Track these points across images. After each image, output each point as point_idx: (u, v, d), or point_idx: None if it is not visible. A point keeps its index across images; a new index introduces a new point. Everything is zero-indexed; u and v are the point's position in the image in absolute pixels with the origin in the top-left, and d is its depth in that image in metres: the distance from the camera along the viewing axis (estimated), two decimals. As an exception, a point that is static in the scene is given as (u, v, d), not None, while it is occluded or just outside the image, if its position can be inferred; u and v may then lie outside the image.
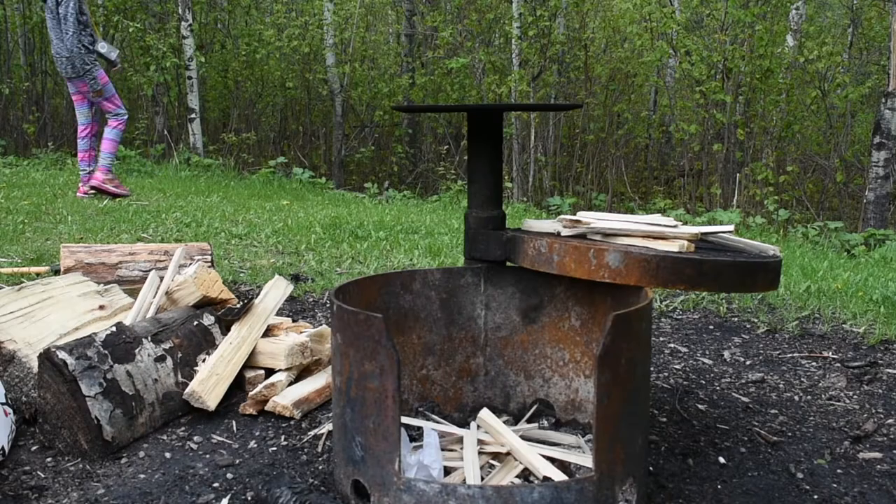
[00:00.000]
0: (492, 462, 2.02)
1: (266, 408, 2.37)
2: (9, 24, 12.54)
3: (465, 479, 1.89)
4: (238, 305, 2.69)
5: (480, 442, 2.06)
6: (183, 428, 2.29)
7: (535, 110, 10.27)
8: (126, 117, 6.93)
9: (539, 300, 2.29)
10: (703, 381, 2.77)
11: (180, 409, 2.35)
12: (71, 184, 7.65)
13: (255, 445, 2.20)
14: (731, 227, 2.12)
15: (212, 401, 2.32)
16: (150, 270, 2.95)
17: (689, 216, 8.00)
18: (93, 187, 6.71)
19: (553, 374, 2.32)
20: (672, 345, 3.16)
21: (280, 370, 2.49)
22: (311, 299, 3.65)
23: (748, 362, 2.97)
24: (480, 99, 11.42)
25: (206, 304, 2.70)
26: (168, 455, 2.14)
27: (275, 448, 2.18)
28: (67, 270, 3.08)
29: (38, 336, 2.39)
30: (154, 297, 2.66)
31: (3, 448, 2.04)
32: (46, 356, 2.12)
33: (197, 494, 1.94)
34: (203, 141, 11.13)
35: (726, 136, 9.84)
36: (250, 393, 2.40)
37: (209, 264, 3.24)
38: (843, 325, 3.39)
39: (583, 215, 2.14)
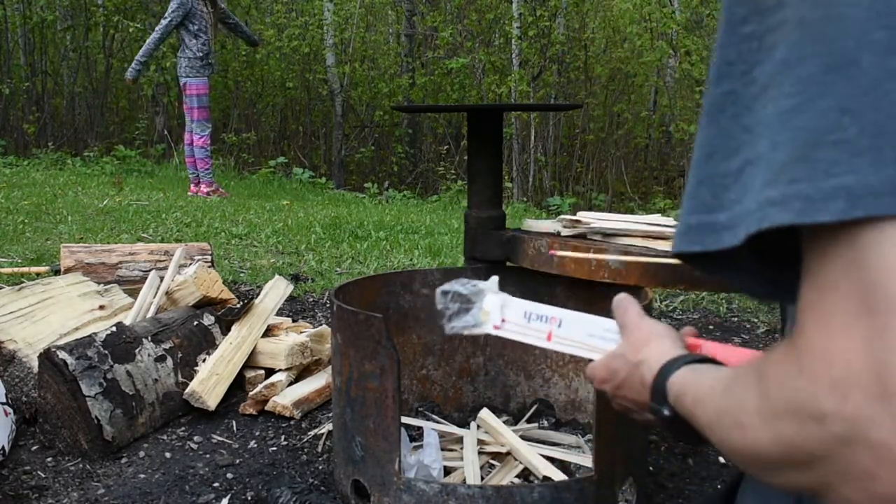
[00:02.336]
0: (492, 462, 2.02)
1: (266, 408, 2.37)
2: (9, 24, 12.54)
3: (465, 479, 1.89)
4: (238, 305, 2.69)
5: (480, 442, 2.06)
6: (183, 428, 2.29)
7: (535, 110, 10.28)
8: (209, 131, 7.42)
9: (539, 300, 2.29)
10: (703, 381, 2.77)
11: (180, 409, 2.35)
12: (71, 184, 7.65)
13: (255, 445, 2.20)
14: (731, 227, 2.12)
15: (212, 401, 2.32)
16: (150, 270, 2.95)
17: (689, 216, 7.97)
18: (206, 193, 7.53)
19: (553, 374, 2.32)
20: (672, 345, 3.15)
21: (280, 370, 2.49)
22: (311, 299, 3.65)
23: (748, 362, 2.97)
24: (480, 99, 11.42)
25: (206, 304, 2.70)
26: (168, 455, 2.14)
27: (275, 448, 2.18)
28: (67, 270, 3.08)
29: (38, 336, 2.39)
30: (154, 297, 2.66)
31: (3, 448, 2.04)
32: (46, 356, 2.12)
33: (197, 494, 1.94)
34: (203, 141, 11.10)
35: (726, 136, 9.81)
36: (250, 393, 2.40)
37: (209, 264, 3.24)
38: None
39: (583, 215, 2.14)
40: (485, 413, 2.18)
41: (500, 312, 0.87)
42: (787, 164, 0.45)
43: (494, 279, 0.88)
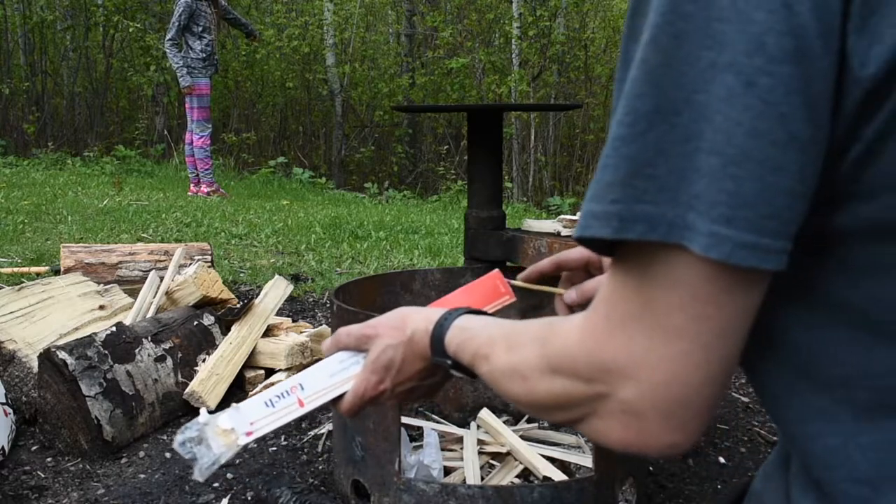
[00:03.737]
0: (492, 462, 2.02)
1: (266, 408, 2.37)
2: (9, 24, 12.54)
3: (465, 479, 1.89)
4: (238, 305, 2.69)
5: (480, 442, 2.06)
6: (183, 428, 2.29)
7: (535, 110, 10.28)
8: (209, 132, 7.42)
9: (539, 300, 2.29)
10: (703, 381, 2.77)
11: (180, 409, 2.35)
12: (71, 184, 7.65)
13: (255, 445, 2.20)
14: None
15: (212, 401, 2.32)
16: (150, 270, 2.95)
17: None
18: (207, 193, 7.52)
19: (553, 374, 2.32)
20: (672, 345, 3.15)
21: (280, 370, 2.49)
22: (311, 299, 3.65)
23: (748, 362, 2.97)
24: (480, 99, 11.42)
25: (206, 304, 2.70)
26: (168, 455, 2.14)
27: (275, 448, 2.18)
28: (67, 270, 3.08)
29: (38, 336, 2.39)
30: (154, 297, 2.66)
31: (3, 448, 2.04)
32: (46, 356, 2.12)
33: (197, 494, 1.94)
34: (203, 141, 11.09)
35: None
36: (250, 393, 2.40)
37: (209, 264, 3.24)
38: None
39: (583, 215, 2.14)
40: (485, 413, 2.18)
41: (242, 420, 0.87)
42: (611, 185, 0.54)
43: (203, 411, 0.89)
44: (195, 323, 2.51)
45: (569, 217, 2.12)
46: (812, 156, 0.51)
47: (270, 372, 2.52)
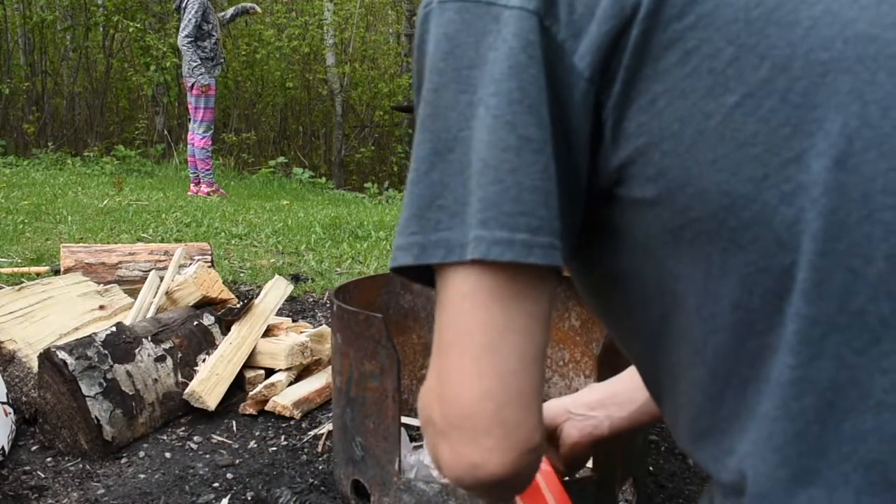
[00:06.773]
0: (492, 462, 2.02)
1: (266, 408, 2.37)
2: (9, 24, 12.54)
3: (465, 479, 1.89)
4: (238, 305, 2.69)
5: (480, 442, 2.05)
6: (183, 428, 2.29)
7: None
8: (211, 133, 7.37)
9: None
10: (703, 381, 2.76)
11: (180, 409, 2.35)
12: (71, 184, 7.65)
13: (255, 445, 2.20)
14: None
15: (212, 401, 2.32)
16: (150, 270, 2.95)
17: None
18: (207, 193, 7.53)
19: (553, 374, 2.32)
20: (672, 345, 3.15)
21: (280, 370, 2.49)
22: (311, 299, 3.65)
23: (748, 362, 2.96)
24: (480, 99, 11.40)
25: (206, 304, 2.70)
26: (168, 455, 2.14)
27: (275, 448, 2.18)
28: (67, 270, 3.08)
29: (38, 336, 2.39)
30: (154, 297, 2.66)
31: (3, 448, 2.04)
32: (46, 356, 2.12)
33: (197, 494, 1.94)
34: (203, 141, 11.08)
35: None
36: (250, 393, 2.40)
37: (209, 264, 3.24)
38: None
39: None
40: (485, 413, 2.17)
41: None
42: (409, 220, 0.61)
43: None
44: (195, 323, 2.51)
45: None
46: (550, 154, 0.58)
47: (270, 372, 2.52)
